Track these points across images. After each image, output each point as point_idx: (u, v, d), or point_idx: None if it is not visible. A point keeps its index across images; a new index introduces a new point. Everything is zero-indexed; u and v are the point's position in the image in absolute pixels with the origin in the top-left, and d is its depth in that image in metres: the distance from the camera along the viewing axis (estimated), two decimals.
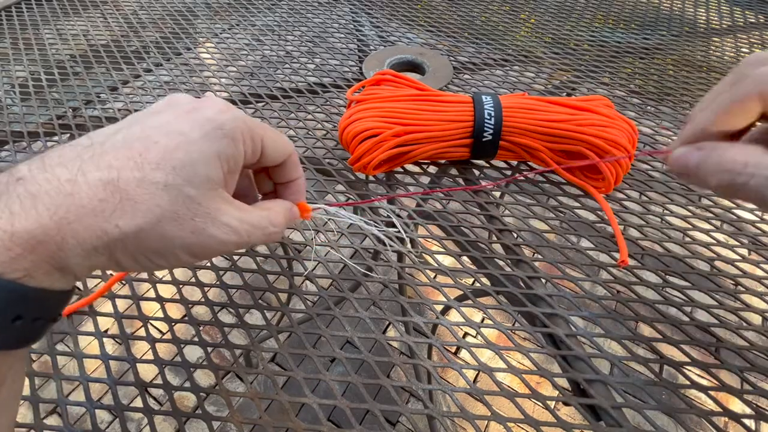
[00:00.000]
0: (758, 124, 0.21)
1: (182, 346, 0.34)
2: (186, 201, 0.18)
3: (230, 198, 0.21)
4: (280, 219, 0.24)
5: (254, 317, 1.39)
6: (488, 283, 0.38)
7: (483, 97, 0.43)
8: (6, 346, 0.17)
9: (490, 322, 0.35)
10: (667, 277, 0.37)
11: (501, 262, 0.39)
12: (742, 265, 0.38)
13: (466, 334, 1.31)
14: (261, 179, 0.28)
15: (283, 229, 0.25)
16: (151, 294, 0.37)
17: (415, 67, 0.61)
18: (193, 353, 1.16)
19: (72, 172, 0.17)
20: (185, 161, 0.18)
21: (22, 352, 0.19)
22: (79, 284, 0.38)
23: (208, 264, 0.39)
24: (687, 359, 0.33)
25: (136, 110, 0.56)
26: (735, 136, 0.21)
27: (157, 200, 0.18)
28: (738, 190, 0.19)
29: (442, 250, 0.40)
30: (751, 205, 0.44)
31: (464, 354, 1.26)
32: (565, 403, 0.30)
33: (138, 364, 0.33)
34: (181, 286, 0.38)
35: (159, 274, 0.36)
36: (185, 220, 0.18)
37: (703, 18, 0.79)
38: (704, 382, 0.32)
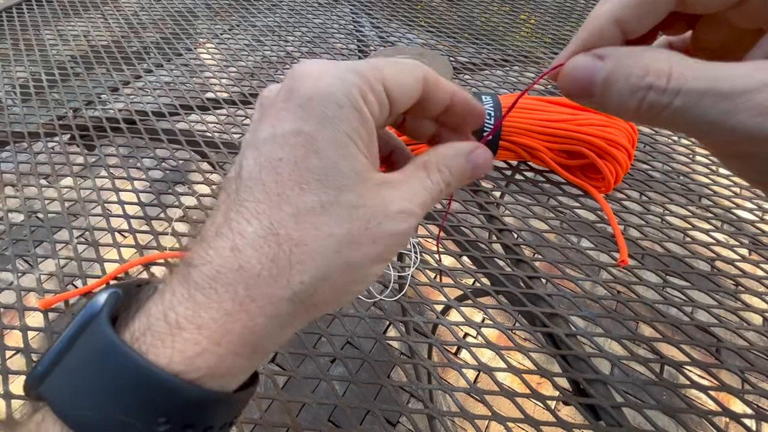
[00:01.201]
0: (662, 37, 0.17)
1: None
2: (351, 211, 0.15)
3: (384, 176, 0.17)
4: (446, 175, 0.18)
5: None
6: (488, 283, 0.38)
7: (483, 97, 0.43)
8: None
9: (490, 322, 0.35)
10: (667, 277, 0.37)
11: (501, 262, 0.39)
12: (742, 265, 0.38)
13: (466, 334, 1.31)
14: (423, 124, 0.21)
15: (460, 181, 0.18)
16: None
17: None
18: None
19: (230, 239, 0.14)
20: (324, 166, 0.15)
21: None
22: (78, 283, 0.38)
23: None
24: (687, 359, 0.33)
25: (136, 111, 0.56)
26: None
27: (324, 229, 0.15)
28: (658, 114, 0.13)
29: (443, 250, 0.40)
30: (751, 205, 0.44)
31: (464, 354, 1.26)
32: (566, 403, 0.30)
33: None
34: None
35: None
36: (360, 234, 0.15)
37: None
38: (704, 382, 0.31)
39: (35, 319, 0.35)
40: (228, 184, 0.16)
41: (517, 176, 0.46)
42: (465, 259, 0.39)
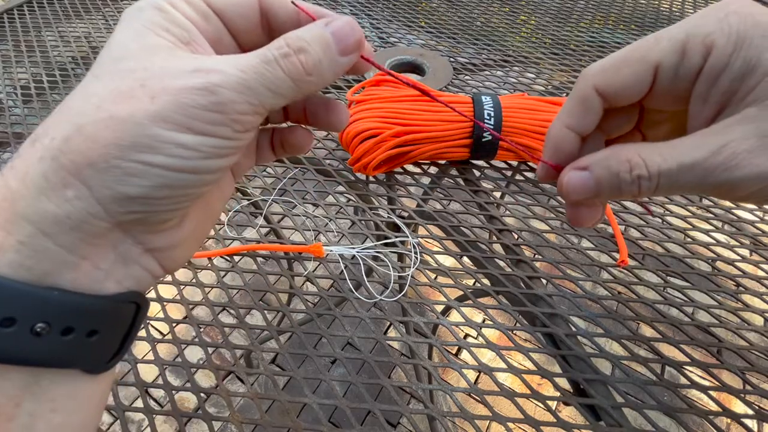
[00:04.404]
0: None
1: (183, 346, 0.34)
2: (125, 74, 0.14)
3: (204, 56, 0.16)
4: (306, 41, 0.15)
5: (255, 318, 1.39)
6: (488, 283, 0.38)
7: (482, 97, 0.43)
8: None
9: (490, 322, 0.35)
10: (668, 277, 0.37)
11: (501, 262, 0.39)
12: (742, 265, 0.38)
13: (466, 335, 1.31)
14: None
15: (321, 50, 0.15)
16: (152, 295, 0.37)
17: (415, 68, 0.62)
18: (193, 354, 1.16)
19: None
20: (111, 52, 0.15)
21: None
22: None
23: (209, 265, 0.39)
24: (688, 359, 0.33)
25: None
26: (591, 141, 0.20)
27: (89, 91, 0.14)
28: (655, 192, 0.17)
29: (443, 250, 0.40)
30: (751, 206, 0.44)
31: (465, 354, 1.26)
32: (566, 403, 0.30)
33: (139, 365, 0.33)
34: (181, 286, 0.38)
35: None
36: (132, 89, 0.14)
37: None
38: (705, 383, 0.31)
39: None
40: None
41: (517, 176, 0.46)
42: (465, 259, 0.39)
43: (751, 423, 0.30)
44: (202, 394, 0.31)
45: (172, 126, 0.14)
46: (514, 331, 0.34)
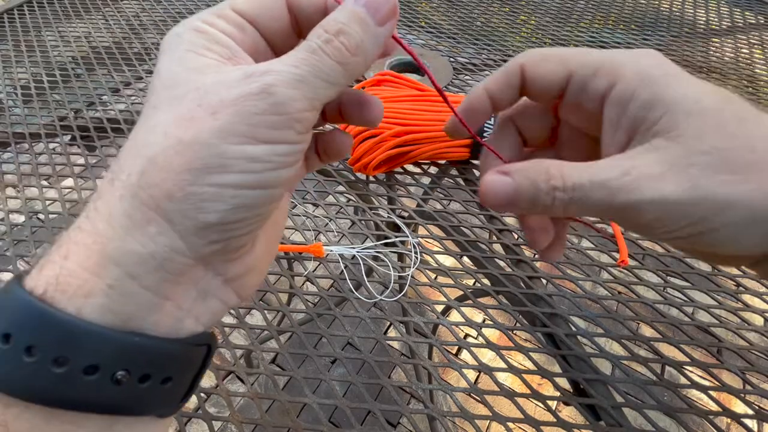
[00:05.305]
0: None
1: None
2: (181, 98, 0.14)
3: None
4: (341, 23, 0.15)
5: (255, 318, 1.39)
6: (488, 283, 0.38)
7: None
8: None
9: (490, 322, 0.35)
10: (668, 277, 0.37)
11: (501, 262, 0.39)
12: None
13: (466, 335, 1.31)
14: None
15: (360, 31, 0.15)
16: None
17: (415, 68, 0.62)
18: None
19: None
20: (163, 81, 0.15)
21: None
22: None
23: None
24: (688, 359, 0.33)
25: (137, 112, 0.56)
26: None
27: (152, 122, 0.14)
28: (567, 207, 0.17)
29: (443, 250, 0.40)
30: None
31: (465, 354, 1.26)
32: (566, 403, 0.30)
33: None
34: None
35: None
36: (192, 110, 0.14)
37: (703, 19, 0.79)
38: (705, 383, 0.31)
39: None
40: None
41: None
42: (465, 259, 0.39)
43: (751, 423, 0.30)
44: (202, 394, 0.31)
45: (237, 139, 0.14)
46: (514, 331, 0.34)
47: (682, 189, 0.15)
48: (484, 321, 1.26)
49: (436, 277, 0.81)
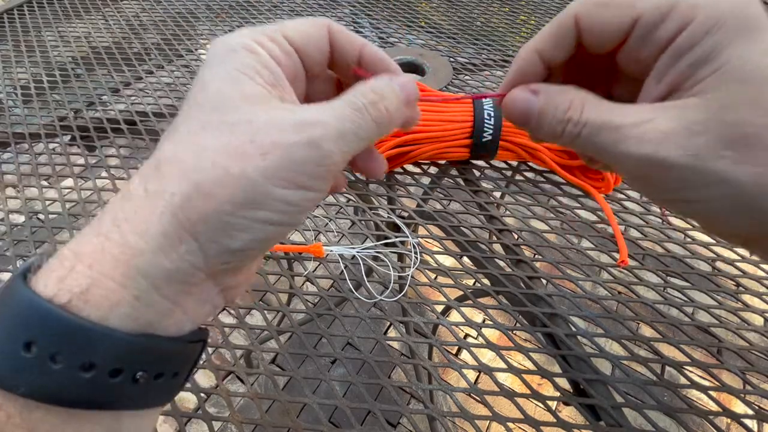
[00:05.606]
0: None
1: None
2: (233, 127, 0.15)
3: (297, 105, 0.17)
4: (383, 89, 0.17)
5: (255, 318, 1.39)
6: (488, 283, 0.38)
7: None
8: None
9: (490, 322, 0.35)
10: (668, 277, 0.37)
11: (501, 263, 0.39)
12: (742, 265, 0.38)
13: (466, 335, 1.31)
14: None
15: (392, 103, 0.17)
16: None
17: (415, 68, 0.62)
18: None
19: (133, 177, 0.16)
20: (210, 97, 0.16)
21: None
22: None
23: None
24: (687, 360, 0.33)
25: (137, 112, 0.56)
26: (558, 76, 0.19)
27: (200, 144, 0.15)
28: (573, 141, 0.17)
29: (443, 250, 0.40)
30: None
31: (465, 354, 1.26)
32: (566, 403, 0.30)
33: None
34: None
35: None
36: (243, 145, 0.14)
37: None
38: (705, 383, 0.31)
39: None
40: None
41: (517, 177, 0.46)
42: (465, 259, 0.39)
43: (751, 423, 0.30)
44: (202, 394, 0.31)
45: (280, 182, 0.15)
46: (514, 331, 0.34)
47: (680, 154, 0.14)
48: (484, 321, 1.26)
49: (436, 277, 0.81)
